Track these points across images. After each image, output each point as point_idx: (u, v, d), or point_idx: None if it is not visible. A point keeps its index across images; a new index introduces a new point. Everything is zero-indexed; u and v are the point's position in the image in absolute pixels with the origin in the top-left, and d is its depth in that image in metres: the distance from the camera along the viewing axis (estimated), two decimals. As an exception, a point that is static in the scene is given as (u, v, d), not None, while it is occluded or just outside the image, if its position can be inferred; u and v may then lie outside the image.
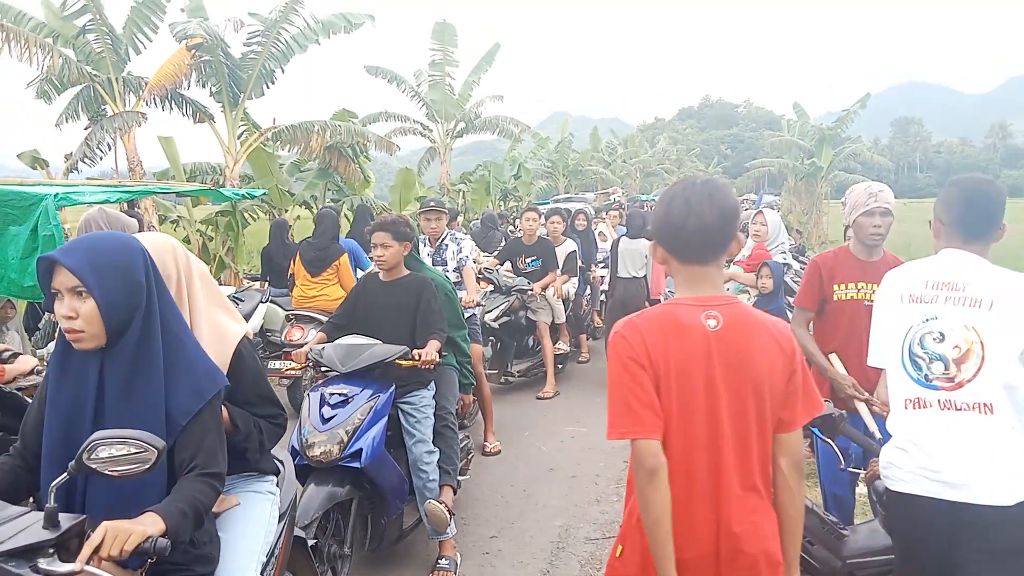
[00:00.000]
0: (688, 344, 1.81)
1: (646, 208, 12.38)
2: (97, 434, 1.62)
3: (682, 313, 1.85)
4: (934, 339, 2.20)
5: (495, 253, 8.55)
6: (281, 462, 2.56)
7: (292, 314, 6.74)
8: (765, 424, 1.85)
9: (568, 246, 7.83)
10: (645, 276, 7.90)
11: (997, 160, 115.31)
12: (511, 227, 13.92)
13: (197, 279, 2.22)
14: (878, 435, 2.88)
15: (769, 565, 1.84)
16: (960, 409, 2.13)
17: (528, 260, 7.45)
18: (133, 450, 1.60)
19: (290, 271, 7.13)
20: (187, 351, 1.92)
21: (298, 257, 6.90)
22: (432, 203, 5.96)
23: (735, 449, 1.82)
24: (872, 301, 3.27)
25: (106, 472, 1.60)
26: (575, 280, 8.05)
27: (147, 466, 1.62)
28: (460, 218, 13.13)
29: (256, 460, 2.25)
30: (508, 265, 7.56)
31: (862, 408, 3.10)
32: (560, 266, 7.56)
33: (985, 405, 2.11)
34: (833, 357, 3.39)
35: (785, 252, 5.94)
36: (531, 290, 7.14)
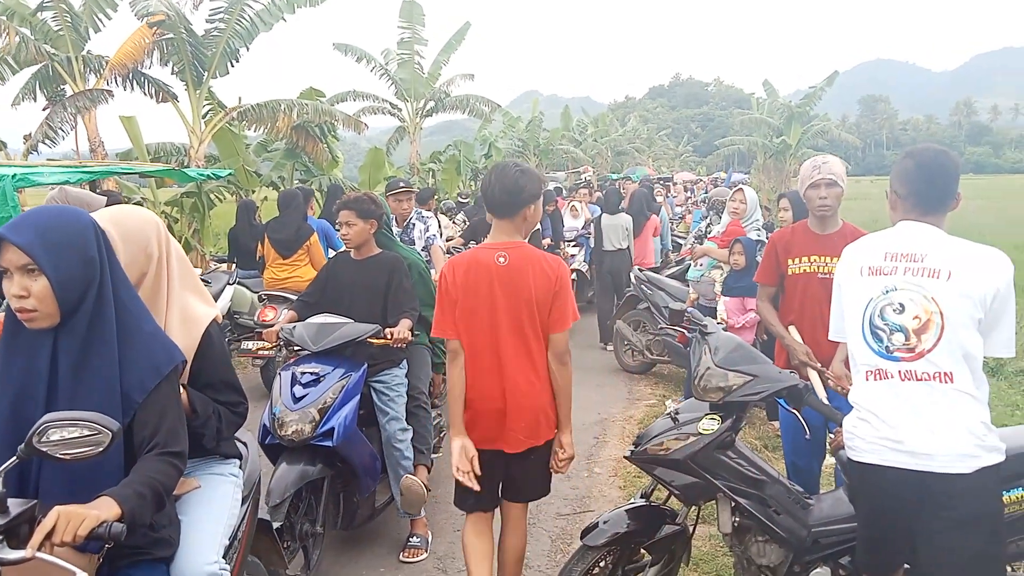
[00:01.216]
0: (480, 276, 2.71)
1: (619, 186, 12.52)
2: (48, 416, 1.56)
3: (482, 254, 2.76)
4: (894, 310, 2.21)
5: (459, 232, 8.53)
6: (244, 444, 2.53)
7: (264, 294, 6.67)
8: (537, 328, 2.74)
9: None
10: (628, 247, 8.27)
11: (962, 137, 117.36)
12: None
13: (175, 260, 2.18)
14: (826, 402, 2.92)
15: (545, 419, 2.79)
16: (920, 379, 2.16)
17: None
18: (86, 432, 1.55)
19: (259, 253, 7.04)
20: (142, 327, 1.86)
21: (267, 238, 6.81)
22: (401, 184, 5.92)
23: (513, 345, 2.72)
24: (826, 274, 3.31)
25: (58, 455, 1.55)
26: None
27: (101, 449, 1.56)
28: (435, 197, 13.00)
29: (213, 447, 2.21)
30: (473, 244, 7.54)
31: (813, 376, 3.14)
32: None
33: (945, 374, 2.13)
34: (792, 329, 3.44)
35: (759, 229, 5.97)
36: None
